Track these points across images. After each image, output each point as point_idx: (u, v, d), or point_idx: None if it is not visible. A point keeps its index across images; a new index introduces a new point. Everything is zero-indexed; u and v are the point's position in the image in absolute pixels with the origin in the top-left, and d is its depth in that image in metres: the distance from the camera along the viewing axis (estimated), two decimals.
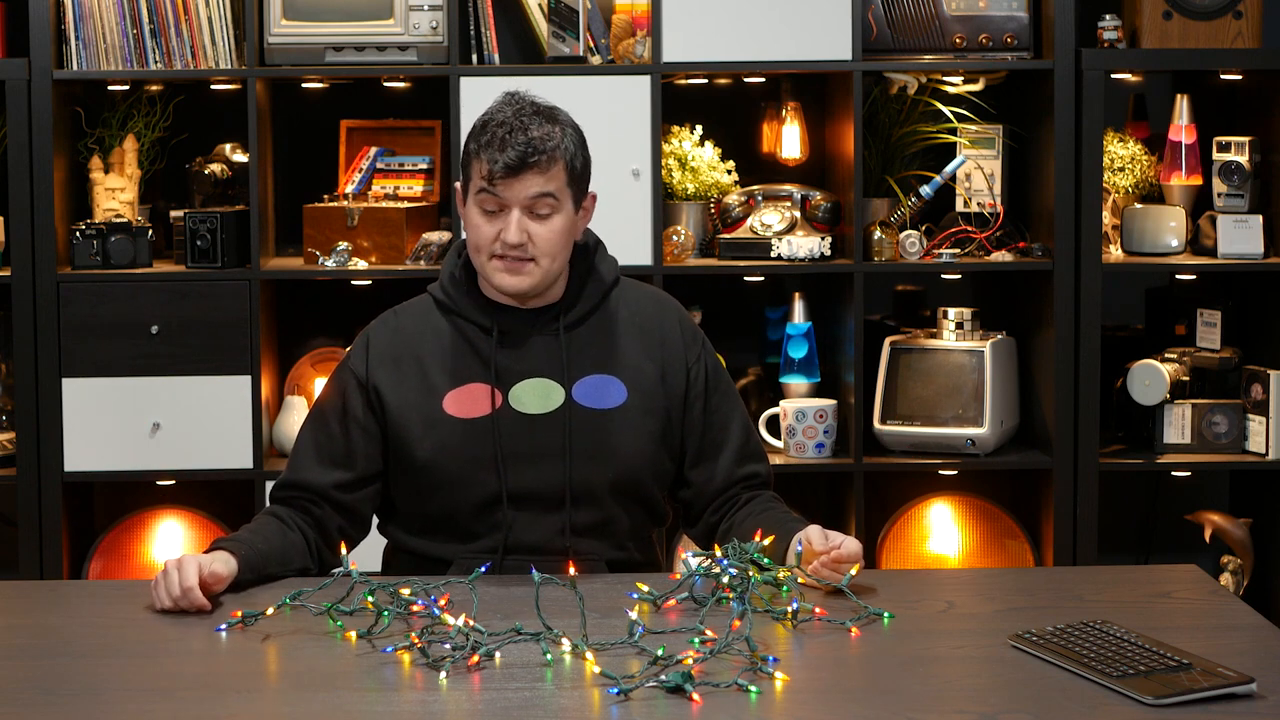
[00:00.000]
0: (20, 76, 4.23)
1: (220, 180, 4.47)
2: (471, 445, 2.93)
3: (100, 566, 4.40)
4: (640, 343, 3.00)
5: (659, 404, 2.99)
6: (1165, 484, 4.68)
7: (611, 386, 2.97)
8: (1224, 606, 2.73)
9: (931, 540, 4.50)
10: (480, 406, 2.94)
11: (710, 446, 3.03)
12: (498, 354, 2.96)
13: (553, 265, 2.93)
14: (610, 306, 3.02)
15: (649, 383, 2.99)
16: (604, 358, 2.98)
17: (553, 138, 2.90)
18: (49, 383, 4.27)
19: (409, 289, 3.29)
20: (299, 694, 2.37)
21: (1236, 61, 4.36)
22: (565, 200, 2.91)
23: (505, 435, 2.93)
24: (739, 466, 3.03)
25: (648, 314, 3.04)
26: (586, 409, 2.95)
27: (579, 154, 2.94)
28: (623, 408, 2.96)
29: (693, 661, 2.36)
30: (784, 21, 4.27)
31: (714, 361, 3.06)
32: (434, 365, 2.97)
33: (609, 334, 3.00)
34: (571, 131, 2.94)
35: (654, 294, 3.10)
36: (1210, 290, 4.53)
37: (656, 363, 3.00)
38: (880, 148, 4.50)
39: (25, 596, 2.98)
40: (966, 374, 4.34)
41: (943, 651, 2.52)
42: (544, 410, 2.94)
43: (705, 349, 3.06)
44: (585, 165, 2.96)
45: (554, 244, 2.91)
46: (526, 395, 2.95)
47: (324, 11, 4.29)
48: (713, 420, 3.03)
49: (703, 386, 3.02)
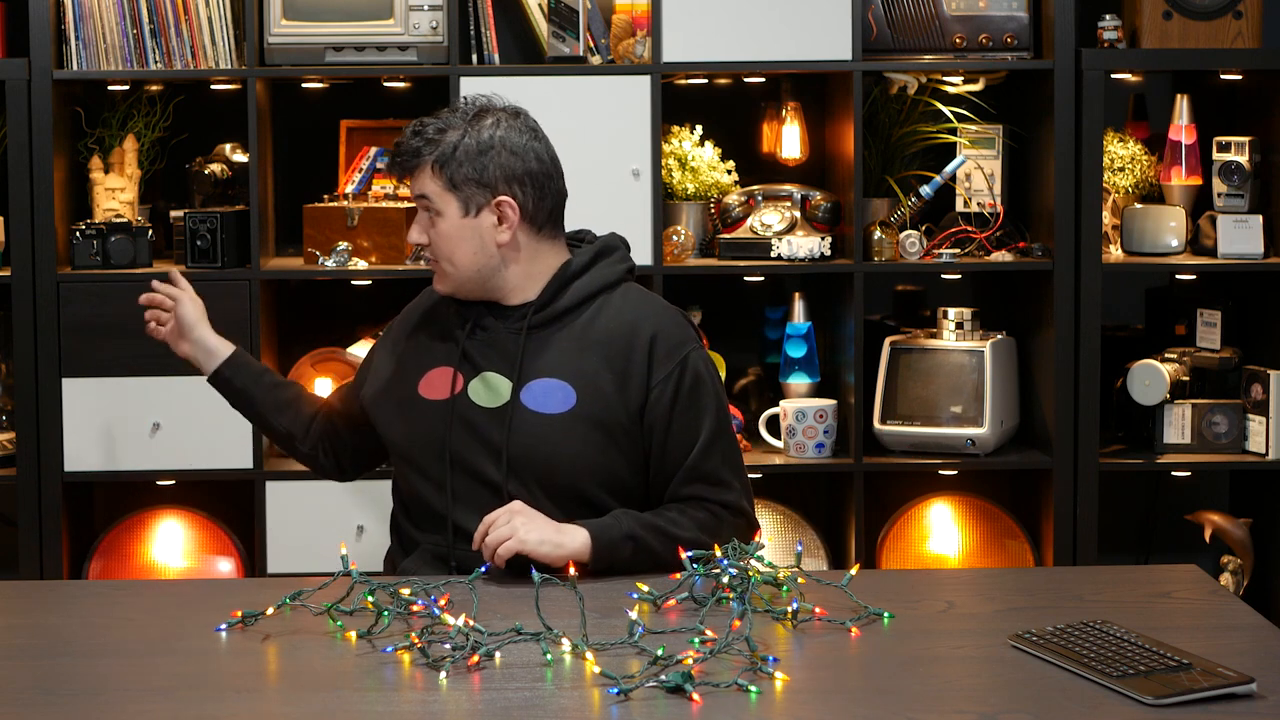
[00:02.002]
0: (20, 76, 4.23)
1: (220, 180, 4.47)
2: (429, 426, 3.02)
3: (100, 566, 4.40)
4: (604, 352, 3.00)
5: (610, 415, 2.97)
6: (1165, 484, 4.68)
7: (561, 392, 2.98)
8: (1224, 606, 2.73)
9: (931, 540, 4.50)
10: (443, 391, 3.03)
11: (664, 463, 3.00)
12: (468, 344, 3.04)
13: (455, 267, 3.03)
14: (589, 312, 3.04)
15: (603, 392, 2.98)
16: (560, 363, 3.00)
17: (433, 142, 3.00)
18: (49, 383, 4.27)
19: (409, 289, 3.30)
20: (299, 694, 2.37)
21: (1236, 61, 4.36)
22: (445, 204, 3.01)
23: (457, 422, 3.00)
24: (683, 486, 3.00)
25: (623, 324, 3.02)
26: (530, 411, 2.98)
27: (464, 159, 2.99)
28: (567, 415, 2.97)
29: (693, 661, 2.36)
30: (784, 21, 4.27)
31: (691, 383, 3.00)
32: (425, 344, 3.11)
33: (574, 340, 3.01)
34: (478, 135, 3.00)
35: (643, 303, 3.07)
36: (1210, 290, 4.53)
37: (616, 373, 2.99)
38: (880, 148, 4.50)
39: (25, 596, 2.98)
40: (966, 374, 4.34)
41: (943, 651, 2.52)
42: (491, 405, 3.00)
43: (683, 370, 3.00)
44: (479, 171, 2.99)
45: (444, 247, 3.02)
46: (481, 388, 3.01)
47: (324, 11, 4.29)
48: (672, 440, 2.99)
49: (667, 406, 2.98)
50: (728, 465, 3.02)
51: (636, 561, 2.88)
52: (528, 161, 3.02)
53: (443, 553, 3.00)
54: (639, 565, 2.88)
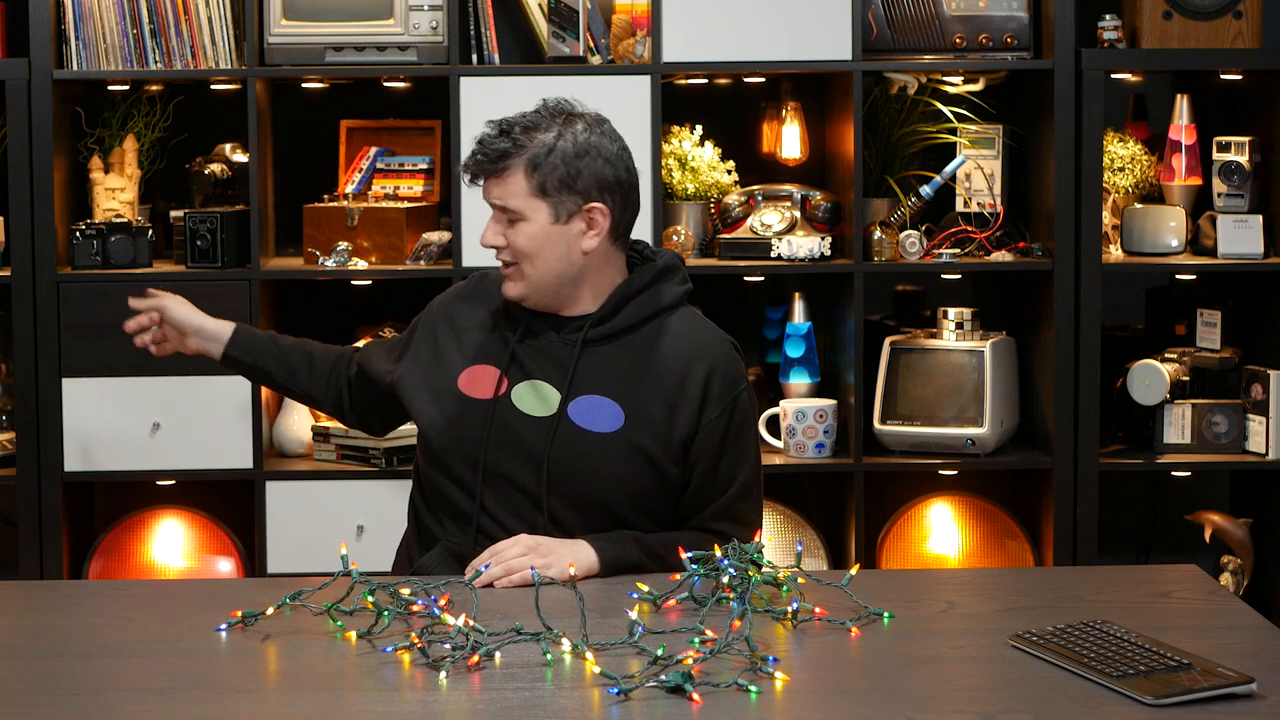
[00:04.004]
0: (20, 76, 4.23)
1: (220, 180, 4.47)
2: (466, 423, 2.96)
3: (100, 566, 4.40)
4: (659, 378, 2.95)
5: (657, 442, 2.93)
6: (1165, 484, 4.68)
7: (610, 411, 2.94)
8: (1224, 606, 2.73)
9: (931, 540, 4.50)
10: (485, 390, 2.97)
11: (700, 497, 2.99)
12: (518, 348, 2.98)
13: (537, 272, 2.94)
14: (647, 333, 2.98)
15: (653, 420, 2.94)
16: (613, 382, 2.95)
17: (521, 144, 2.91)
18: (49, 383, 4.27)
19: (409, 289, 3.30)
20: (299, 694, 2.37)
21: (1236, 61, 4.36)
22: (533, 209, 2.92)
23: (497, 424, 2.94)
24: (712, 521, 2.99)
25: (680, 354, 2.97)
26: (576, 426, 2.94)
27: (558, 161, 2.91)
28: (614, 435, 2.93)
29: (693, 661, 2.36)
30: (784, 21, 4.27)
31: (739, 424, 2.98)
32: (470, 337, 3.03)
33: (630, 360, 2.96)
34: (574, 138, 2.93)
35: (703, 334, 3.02)
36: (1210, 290, 4.53)
37: (668, 402, 2.94)
38: (880, 148, 4.50)
39: (25, 596, 2.98)
40: (966, 374, 4.34)
41: (943, 651, 2.52)
42: (536, 414, 2.95)
43: (735, 408, 2.97)
44: (571, 174, 2.92)
45: (527, 249, 2.93)
46: (527, 395, 2.96)
47: (324, 11, 4.29)
48: (713, 479, 2.98)
49: (715, 445, 2.96)
50: (756, 509, 3.03)
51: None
52: (618, 170, 2.97)
53: (463, 552, 2.95)
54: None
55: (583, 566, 2.85)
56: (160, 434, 4.28)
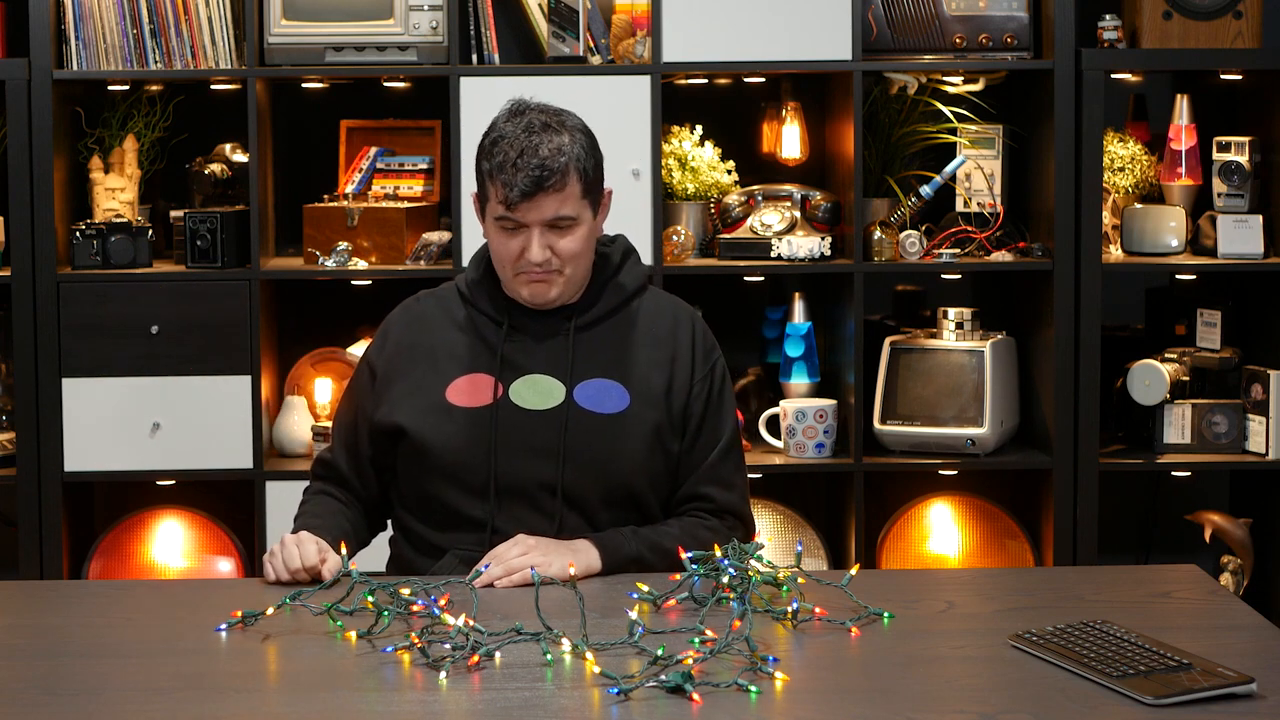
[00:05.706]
0: (20, 76, 4.23)
1: (220, 180, 4.47)
2: (469, 433, 2.95)
3: (100, 566, 4.40)
4: (653, 353, 3.00)
5: (660, 415, 2.98)
6: (1165, 484, 4.68)
7: (615, 392, 2.97)
8: (1224, 606, 2.73)
9: (931, 540, 4.50)
10: (482, 396, 2.97)
11: (688, 460, 3.01)
12: (505, 347, 2.98)
13: (577, 272, 2.97)
14: (628, 314, 3.03)
15: (654, 393, 2.98)
16: (612, 363, 2.99)
17: (564, 152, 2.90)
18: (49, 383, 4.27)
19: (409, 289, 3.29)
20: (299, 694, 2.37)
21: (1236, 61, 4.36)
22: (584, 211, 2.94)
23: (503, 427, 2.94)
24: (698, 485, 3.01)
25: (664, 325, 3.03)
26: (586, 411, 2.96)
27: (590, 160, 2.94)
28: (623, 414, 2.96)
29: (693, 661, 2.36)
30: (784, 21, 4.27)
31: (719, 379, 3.04)
32: (444, 353, 3.01)
33: (621, 340, 3.01)
34: (581, 137, 2.95)
35: (674, 305, 3.08)
36: (1210, 290, 4.53)
37: (665, 375, 2.99)
38: (880, 148, 4.50)
39: (25, 596, 2.98)
40: (966, 374, 4.34)
41: (943, 651, 2.52)
42: (543, 407, 2.96)
43: (715, 366, 3.04)
44: (598, 168, 2.96)
45: (577, 253, 2.95)
46: (527, 391, 2.97)
47: (324, 11, 4.29)
48: (699, 440, 3.01)
49: (701, 406, 3.01)
50: (739, 470, 3.05)
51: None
52: (599, 153, 3.01)
53: (477, 557, 2.90)
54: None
55: (582, 566, 2.85)
56: (160, 434, 4.28)
